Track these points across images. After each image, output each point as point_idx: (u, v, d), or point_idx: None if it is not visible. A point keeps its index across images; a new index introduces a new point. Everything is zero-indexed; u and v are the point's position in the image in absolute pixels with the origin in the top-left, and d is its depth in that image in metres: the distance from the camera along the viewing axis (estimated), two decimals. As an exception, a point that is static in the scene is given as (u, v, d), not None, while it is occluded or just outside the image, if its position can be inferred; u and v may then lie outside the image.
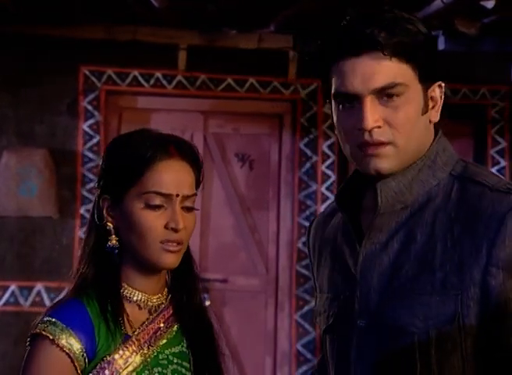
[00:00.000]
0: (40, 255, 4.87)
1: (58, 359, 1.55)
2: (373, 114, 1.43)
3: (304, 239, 5.12)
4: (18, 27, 4.81)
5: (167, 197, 1.60)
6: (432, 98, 1.49)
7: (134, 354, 1.59)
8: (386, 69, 1.43)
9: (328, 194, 5.13)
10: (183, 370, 1.66)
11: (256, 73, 5.11)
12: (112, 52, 5.00)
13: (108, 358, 1.58)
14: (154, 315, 1.65)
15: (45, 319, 1.57)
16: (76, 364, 1.55)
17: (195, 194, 1.65)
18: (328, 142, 5.13)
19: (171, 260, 1.61)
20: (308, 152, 5.15)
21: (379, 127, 1.44)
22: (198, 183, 1.69)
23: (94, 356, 1.57)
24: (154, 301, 1.66)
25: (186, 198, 1.63)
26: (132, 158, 1.61)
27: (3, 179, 4.79)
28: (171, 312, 1.68)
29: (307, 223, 5.11)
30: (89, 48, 4.97)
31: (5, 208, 4.82)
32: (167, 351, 1.64)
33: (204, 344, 1.69)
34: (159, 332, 1.64)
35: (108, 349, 1.58)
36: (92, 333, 1.57)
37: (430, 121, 1.50)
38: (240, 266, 5.20)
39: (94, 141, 4.96)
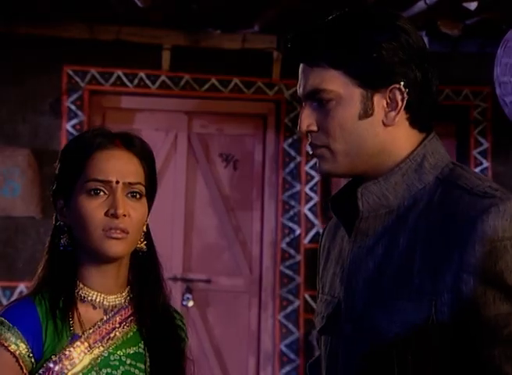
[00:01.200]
0: (23, 255, 4.84)
1: (2, 359, 1.55)
2: (306, 119, 1.50)
3: (288, 239, 5.12)
4: (0, 27, 4.79)
5: (107, 184, 1.59)
6: (388, 101, 1.47)
7: (82, 354, 1.58)
8: (312, 77, 1.48)
9: (311, 194, 5.14)
10: (137, 371, 1.63)
11: (240, 73, 5.12)
12: (95, 52, 4.99)
13: (54, 359, 1.57)
14: (110, 315, 1.64)
15: None
16: (21, 364, 1.55)
17: (140, 183, 1.62)
18: (312, 142, 5.14)
19: (115, 248, 1.58)
20: (292, 153, 5.15)
21: (314, 132, 1.49)
22: (151, 177, 1.67)
23: (41, 356, 1.57)
24: (111, 300, 1.64)
25: (129, 185, 1.61)
26: (75, 153, 1.63)
27: (-14, 179, 4.77)
28: (130, 312, 1.66)
29: (290, 224, 5.12)
30: (72, 48, 4.95)
31: (-13, 209, 4.79)
32: (120, 352, 1.62)
33: (163, 346, 1.66)
34: (114, 332, 1.62)
35: (54, 349, 1.57)
36: (39, 332, 1.57)
37: (384, 124, 1.47)
38: (223, 267, 5.20)
39: (78, 140, 4.95)
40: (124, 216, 1.58)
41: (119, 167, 1.61)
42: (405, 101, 1.47)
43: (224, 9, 4.64)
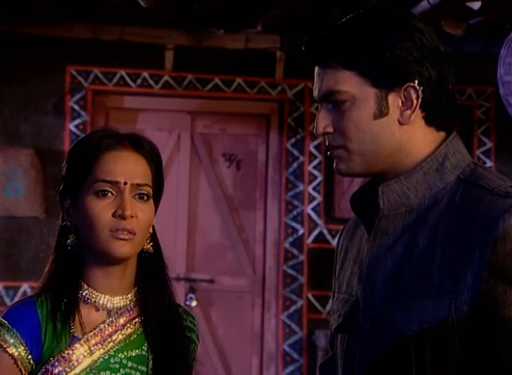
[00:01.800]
0: (26, 255, 4.85)
1: (1, 360, 1.55)
2: (322, 121, 1.51)
3: (291, 239, 5.12)
4: (3, 26, 4.79)
5: (114, 185, 1.59)
6: (403, 99, 1.48)
7: (82, 357, 1.58)
8: (327, 78, 1.49)
9: (315, 194, 5.14)
10: (138, 374, 1.61)
11: (243, 73, 5.12)
12: (98, 52, 5.00)
13: (53, 361, 1.57)
14: (114, 317, 1.63)
15: None
16: (20, 366, 1.55)
17: (148, 185, 1.63)
18: (315, 142, 5.14)
19: (122, 249, 1.58)
20: (295, 152, 5.15)
21: (330, 133, 1.51)
22: (158, 179, 1.68)
23: (40, 358, 1.57)
24: (116, 302, 1.64)
25: (137, 186, 1.61)
26: (83, 153, 1.63)
27: (-11, 179, 4.77)
28: (135, 314, 1.65)
29: (293, 223, 5.12)
30: (75, 48, 4.95)
31: (-10, 208, 4.80)
32: (122, 355, 1.61)
33: (168, 348, 1.65)
34: (116, 335, 1.62)
35: (53, 351, 1.57)
36: (38, 335, 1.57)
37: (400, 123, 1.49)
38: (226, 266, 5.20)
39: (81, 140, 4.95)
40: (131, 217, 1.58)
41: (127, 168, 1.61)
42: (420, 100, 1.47)
43: (227, 9, 4.64)
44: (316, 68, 1.53)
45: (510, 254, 1.36)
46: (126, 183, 1.60)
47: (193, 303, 5.08)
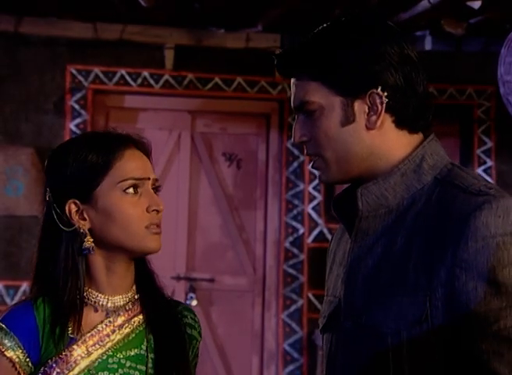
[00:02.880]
0: (26, 254, 4.84)
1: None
2: (298, 130, 1.56)
3: (291, 238, 5.12)
4: (4, 25, 4.79)
5: (141, 181, 1.62)
6: (369, 105, 1.51)
7: (79, 358, 1.58)
8: (298, 90, 1.55)
9: (315, 193, 5.14)
10: (136, 373, 1.61)
11: (243, 72, 5.12)
12: (99, 51, 5.00)
13: (51, 363, 1.57)
14: (113, 317, 1.63)
15: None
16: (19, 369, 1.56)
17: (158, 179, 1.68)
18: (316, 142, 5.14)
19: (157, 243, 1.63)
20: (295, 152, 5.15)
21: (306, 142, 1.56)
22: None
23: (39, 361, 1.57)
24: (116, 301, 1.64)
25: (155, 181, 1.66)
26: (96, 155, 1.61)
27: (-11, 178, 4.77)
28: (134, 312, 1.65)
29: (294, 223, 5.12)
30: (76, 47, 4.95)
31: (-9, 208, 4.80)
32: (120, 355, 1.61)
33: (168, 345, 1.65)
34: (114, 335, 1.61)
35: (51, 353, 1.57)
36: (36, 337, 1.57)
37: (368, 128, 1.52)
38: (227, 266, 5.20)
39: (81, 140, 4.95)
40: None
41: (144, 165, 1.65)
42: (384, 105, 1.50)
43: (227, 8, 4.64)
44: (292, 81, 1.58)
45: (480, 250, 1.38)
46: (149, 179, 1.64)
47: (194, 302, 5.08)
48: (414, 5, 4.30)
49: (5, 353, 1.55)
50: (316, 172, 1.59)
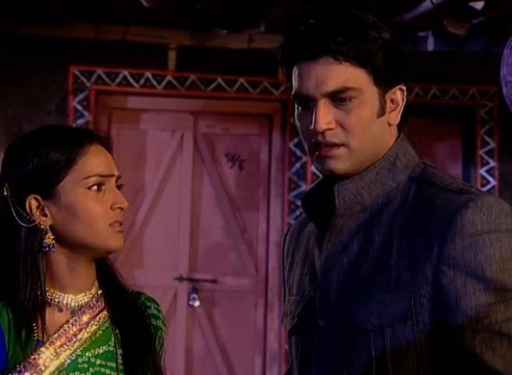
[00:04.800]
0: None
1: None
2: (325, 116, 1.47)
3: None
4: (6, 27, 4.80)
5: (105, 178, 1.58)
6: (392, 100, 1.52)
7: (48, 360, 1.54)
8: (338, 74, 1.47)
9: (317, 194, 5.13)
10: (107, 371, 1.58)
11: (246, 73, 5.12)
12: (101, 52, 5.00)
13: (19, 368, 1.53)
14: (77, 315, 1.59)
15: None
16: None
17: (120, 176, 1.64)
18: (318, 142, 5.13)
19: (120, 242, 1.58)
20: (298, 152, 5.15)
21: (331, 129, 1.48)
22: None
23: (5, 366, 1.53)
24: (80, 299, 1.60)
25: (118, 177, 1.61)
26: (59, 150, 1.57)
27: (-8, 179, 4.78)
28: (98, 309, 1.62)
29: (296, 223, 5.11)
30: (78, 48, 4.96)
31: (-6, 209, 4.80)
32: (89, 354, 1.57)
33: (135, 339, 1.61)
34: (81, 333, 1.58)
35: (19, 357, 1.53)
36: (1, 343, 1.53)
37: (389, 124, 1.53)
38: (229, 267, 5.20)
39: (84, 140, 4.95)
40: None
41: (108, 161, 1.60)
42: (405, 102, 1.53)
43: (230, 9, 4.64)
44: (312, 62, 1.49)
45: (467, 247, 1.40)
46: (113, 176, 1.59)
47: (196, 303, 5.08)
48: (417, 5, 4.30)
49: None
50: (328, 160, 1.50)
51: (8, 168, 1.61)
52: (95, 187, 1.57)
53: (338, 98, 1.48)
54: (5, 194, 1.59)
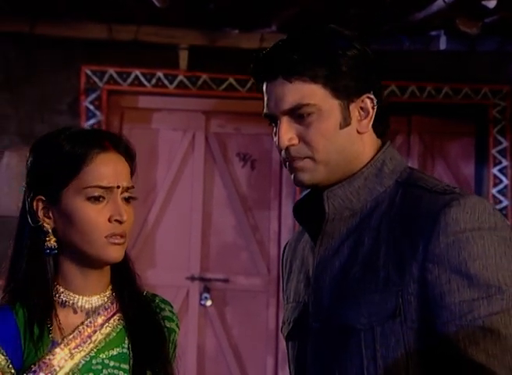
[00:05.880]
0: (41, 254, 4.86)
1: None
2: (286, 133, 1.54)
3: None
4: (19, 26, 4.81)
5: (108, 189, 1.56)
6: (362, 109, 1.55)
7: (63, 361, 1.55)
8: (293, 92, 1.53)
9: (329, 193, 5.13)
10: (121, 373, 1.59)
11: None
12: (113, 52, 5.00)
13: (34, 368, 1.54)
14: (92, 317, 1.60)
15: None
16: None
17: (133, 187, 1.61)
18: (330, 142, 5.13)
19: (117, 254, 1.57)
20: (310, 152, 5.14)
21: (294, 145, 1.54)
22: (133, 176, 1.65)
23: (21, 366, 1.55)
24: (94, 302, 1.61)
25: (125, 189, 1.59)
26: (67, 155, 1.57)
27: (5, 179, 4.80)
28: (113, 311, 1.63)
29: (308, 223, 5.11)
30: (90, 48, 4.97)
31: (6, 208, 4.81)
32: (103, 355, 1.59)
33: (148, 342, 1.62)
34: (95, 335, 1.59)
35: (34, 357, 1.54)
36: (18, 342, 1.55)
37: (358, 132, 1.56)
38: (241, 266, 5.20)
39: (96, 140, 4.96)
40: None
41: (116, 171, 1.58)
42: (375, 109, 1.55)
43: (241, 9, 4.64)
44: (270, 83, 1.57)
45: (451, 245, 1.44)
46: (118, 187, 1.57)
47: (208, 303, 5.08)
48: (429, 4, 4.29)
49: None
50: (295, 172, 1.57)
51: (27, 166, 1.65)
52: (94, 198, 1.56)
53: (296, 114, 1.53)
54: (24, 190, 1.64)
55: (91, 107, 5.00)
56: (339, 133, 1.54)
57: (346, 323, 1.50)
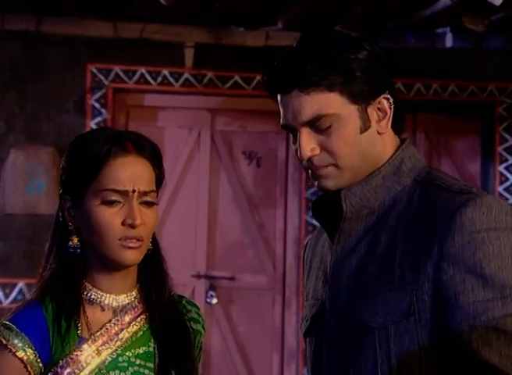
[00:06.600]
0: (47, 252, 4.87)
1: (10, 364, 1.55)
2: (307, 144, 1.54)
3: (311, 236, 5.11)
4: (25, 24, 4.82)
5: (123, 193, 1.58)
6: (379, 110, 1.56)
7: (90, 357, 1.58)
8: (310, 104, 1.53)
9: (335, 191, 5.12)
10: (146, 371, 1.61)
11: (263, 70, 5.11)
12: (119, 50, 5.01)
13: (61, 363, 1.57)
14: (120, 315, 1.63)
15: (3, 322, 1.58)
16: (29, 369, 1.55)
17: (154, 191, 1.62)
18: (336, 140, 5.12)
19: (131, 257, 1.58)
20: (315, 150, 5.14)
21: (316, 155, 1.55)
22: (160, 180, 1.66)
23: (49, 361, 1.57)
24: (121, 300, 1.64)
25: (143, 193, 1.59)
26: (88, 156, 1.60)
27: (11, 177, 4.81)
28: (140, 310, 1.65)
29: (314, 221, 5.11)
30: (96, 46, 4.97)
31: (12, 206, 4.83)
32: (129, 353, 1.61)
33: (173, 341, 1.65)
34: (122, 333, 1.62)
35: (62, 353, 1.57)
36: (46, 337, 1.57)
37: (379, 133, 1.56)
38: (247, 264, 5.20)
39: (102, 138, 4.96)
40: (140, 224, 1.58)
41: (134, 175, 1.59)
42: (392, 109, 1.56)
43: (247, 6, 4.63)
44: (285, 96, 1.56)
45: (467, 245, 1.44)
46: (134, 191, 1.58)
47: (214, 301, 5.08)
48: (435, 1, 4.28)
49: (17, 354, 1.55)
50: (319, 179, 1.56)
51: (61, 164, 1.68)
52: (109, 202, 1.58)
53: (316, 125, 1.53)
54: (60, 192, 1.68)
55: (97, 105, 5.00)
56: (360, 138, 1.54)
57: (361, 322, 1.51)
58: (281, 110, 1.59)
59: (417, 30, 4.94)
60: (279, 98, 1.60)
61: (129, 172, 1.59)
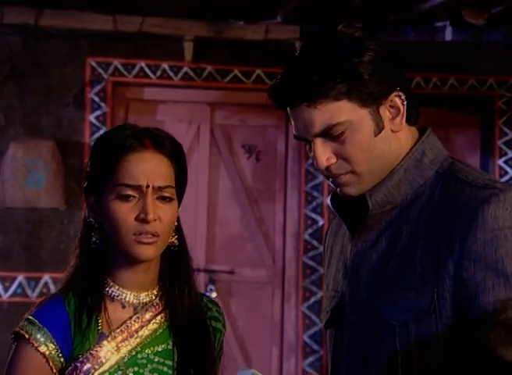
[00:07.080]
0: (47, 246, 4.88)
1: (32, 359, 1.56)
2: (323, 154, 1.52)
3: (310, 230, 5.12)
4: (24, 18, 4.81)
5: (138, 188, 1.58)
6: (392, 107, 1.53)
7: (109, 353, 1.59)
8: (320, 115, 1.50)
9: (334, 185, 5.12)
10: (165, 369, 1.62)
11: (263, 64, 5.11)
12: (118, 43, 5.00)
13: (81, 358, 1.58)
14: (140, 312, 1.64)
15: (27, 317, 1.59)
16: (51, 364, 1.56)
17: (171, 186, 1.62)
18: (335, 133, 5.12)
19: (146, 252, 1.58)
20: (315, 144, 5.14)
21: (333, 164, 1.52)
22: (182, 177, 1.66)
23: (70, 355, 1.58)
24: (142, 298, 1.64)
25: (159, 189, 1.60)
26: (107, 151, 1.61)
27: (10, 170, 4.80)
28: (160, 308, 1.66)
29: (313, 215, 5.11)
30: (95, 40, 4.97)
31: (12, 200, 4.83)
32: (148, 350, 1.62)
33: (192, 341, 1.65)
34: (142, 330, 1.62)
35: (82, 348, 1.58)
36: (68, 332, 1.58)
37: (393, 131, 1.54)
38: (246, 258, 5.20)
39: (101, 132, 4.96)
40: (154, 220, 1.57)
41: (149, 171, 1.59)
42: (406, 105, 1.53)
43: (246, 0, 4.63)
44: (294, 108, 1.53)
45: (489, 242, 1.42)
46: (148, 187, 1.58)
47: (213, 294, 5.09)
48: (435, -5, 4.28)
49: (39, 348, 1.56)
50: (341, 187, 1.54)
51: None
52: (123, 197, 1.58)
53: (329, 134, 1.51)
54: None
55: (96, 99, 5.00)
56: (375, 141, 1.52)
57: (381, 318, 1.49)
58: (292, 122, 1.57)
59: (417, 23, 4.93)
60: (288, 110, 1.57)
61: (143, 167, 1.59)
